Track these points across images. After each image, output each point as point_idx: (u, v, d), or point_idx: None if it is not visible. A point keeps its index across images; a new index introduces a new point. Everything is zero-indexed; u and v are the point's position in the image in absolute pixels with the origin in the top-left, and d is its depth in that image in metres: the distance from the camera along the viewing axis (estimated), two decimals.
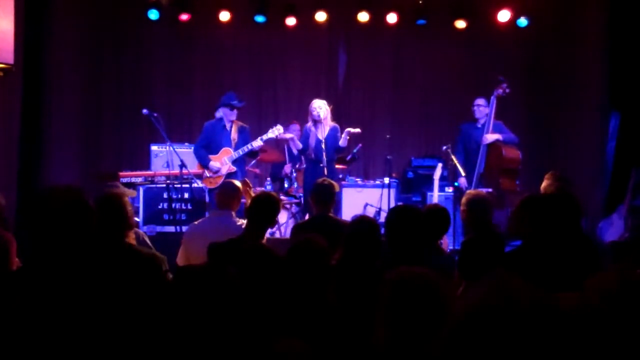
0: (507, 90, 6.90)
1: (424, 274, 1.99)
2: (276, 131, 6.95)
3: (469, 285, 3.02)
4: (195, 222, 4.79)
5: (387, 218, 3.53)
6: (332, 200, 4.64)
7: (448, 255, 4.25)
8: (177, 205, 6.71)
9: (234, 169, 6.84)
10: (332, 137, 6.82)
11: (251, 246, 3.48)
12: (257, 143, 6.85)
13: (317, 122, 6.80)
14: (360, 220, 3.51)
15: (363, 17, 8.76)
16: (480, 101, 7.14)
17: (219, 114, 7.06)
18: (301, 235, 3.13)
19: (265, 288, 2.62)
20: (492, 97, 6.96)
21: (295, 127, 8.27)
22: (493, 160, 6.92)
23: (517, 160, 6.94)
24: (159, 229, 6.56)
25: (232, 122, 6.93)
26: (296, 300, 2.66)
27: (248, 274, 2.52)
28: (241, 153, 6.85)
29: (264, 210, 3.90)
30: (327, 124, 6.83)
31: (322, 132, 6.77)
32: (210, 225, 4.55)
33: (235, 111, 6.89)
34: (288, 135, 7.23)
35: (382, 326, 1.93)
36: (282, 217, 7.07)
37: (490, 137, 6.94)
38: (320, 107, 6.79)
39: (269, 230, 6.78)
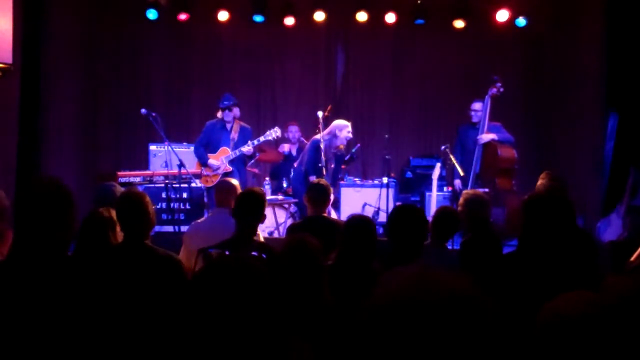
0: (502, 90, 6.88)
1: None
2: (274, 133, 6.95)
3: None
4: (197, 221, 4.78)
5: (389, 218, 3.47)
6: (327, 200, 4.62)
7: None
8: (176, 205, 6.70)
9: (230, 168, 6.84)
10: (329, 141, 6.84)
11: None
12: (251, 146, 6.86)
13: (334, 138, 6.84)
14: (356, 220, 3.44)
15: (361, 16, 8.76)
16: (477, 105, 7.08)
17: (220, 114, 7.07)
18: (293, 235, 3.11)
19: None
20: (486, 97, 6.94)
21: (294, 127, 8.26)
22: (489, 159, 6.91)
23: (512, 159, 6.93)
24: (157, 228, 6.52)
25: (232, 122, 6.94)
26: (290, 300, 2.65)
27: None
28: (238, 153, 6.86)
29: (249, 206, 3.78)
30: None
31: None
32: (212, 224, 4.52)
33: (227, 112, 6.90)
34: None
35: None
36: (281, 216, 7.08)
37: (486, 136, 6.93)
38: (349, 130, 6.90)
39: (268, 230, 6.81)
